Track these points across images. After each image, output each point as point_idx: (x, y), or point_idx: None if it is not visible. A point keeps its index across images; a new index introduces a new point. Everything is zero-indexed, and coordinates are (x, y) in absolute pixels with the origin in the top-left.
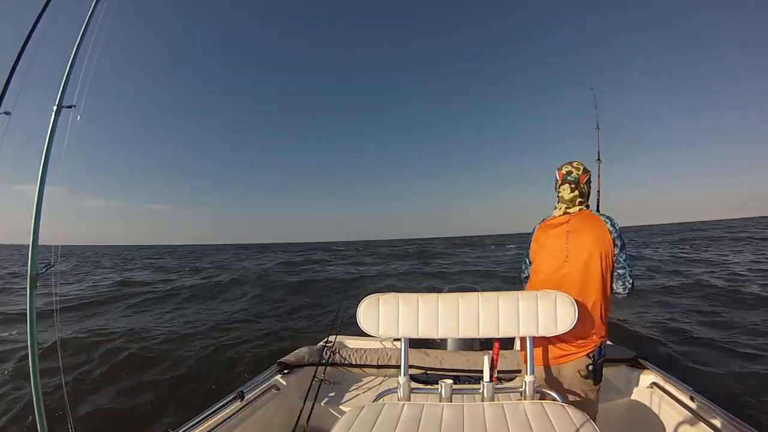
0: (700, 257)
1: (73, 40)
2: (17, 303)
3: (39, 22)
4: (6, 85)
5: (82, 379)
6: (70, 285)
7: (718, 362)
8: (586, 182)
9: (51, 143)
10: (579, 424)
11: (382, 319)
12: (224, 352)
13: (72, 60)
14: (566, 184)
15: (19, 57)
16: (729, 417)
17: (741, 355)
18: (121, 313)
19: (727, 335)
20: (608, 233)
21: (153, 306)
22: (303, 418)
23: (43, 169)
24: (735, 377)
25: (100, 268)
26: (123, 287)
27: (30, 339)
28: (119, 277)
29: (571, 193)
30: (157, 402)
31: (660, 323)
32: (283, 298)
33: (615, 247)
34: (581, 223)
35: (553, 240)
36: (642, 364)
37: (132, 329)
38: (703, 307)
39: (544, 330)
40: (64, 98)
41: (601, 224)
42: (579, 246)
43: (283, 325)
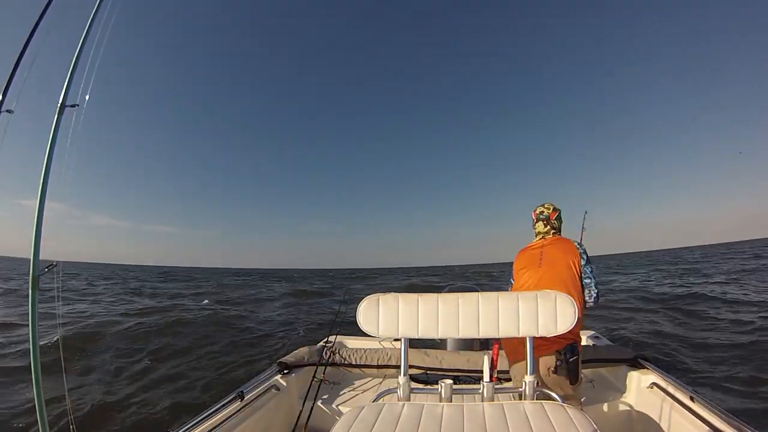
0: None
1: (77, 38)
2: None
3: (42, 19)
4: (8, 83)
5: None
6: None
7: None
8: (556, 218)
9: (54, 142)
10: (579, 424)
11: (382, 319)
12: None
13: (76, 58)
14: (540, 221)
15: (22, 55)
16: (729, 417)
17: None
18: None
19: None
20: (575, 247)
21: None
22: (303, 418)
23: (46, 167)
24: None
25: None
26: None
27: (32, 338)
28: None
29: (545, 228)
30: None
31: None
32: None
33: (582, 258)
34: (554, 241)
35: (530, 256)
36: (642, 364)
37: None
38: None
39: (544, 330)
40: (68, 97)
41: (569, 242)
42: (551, 255)
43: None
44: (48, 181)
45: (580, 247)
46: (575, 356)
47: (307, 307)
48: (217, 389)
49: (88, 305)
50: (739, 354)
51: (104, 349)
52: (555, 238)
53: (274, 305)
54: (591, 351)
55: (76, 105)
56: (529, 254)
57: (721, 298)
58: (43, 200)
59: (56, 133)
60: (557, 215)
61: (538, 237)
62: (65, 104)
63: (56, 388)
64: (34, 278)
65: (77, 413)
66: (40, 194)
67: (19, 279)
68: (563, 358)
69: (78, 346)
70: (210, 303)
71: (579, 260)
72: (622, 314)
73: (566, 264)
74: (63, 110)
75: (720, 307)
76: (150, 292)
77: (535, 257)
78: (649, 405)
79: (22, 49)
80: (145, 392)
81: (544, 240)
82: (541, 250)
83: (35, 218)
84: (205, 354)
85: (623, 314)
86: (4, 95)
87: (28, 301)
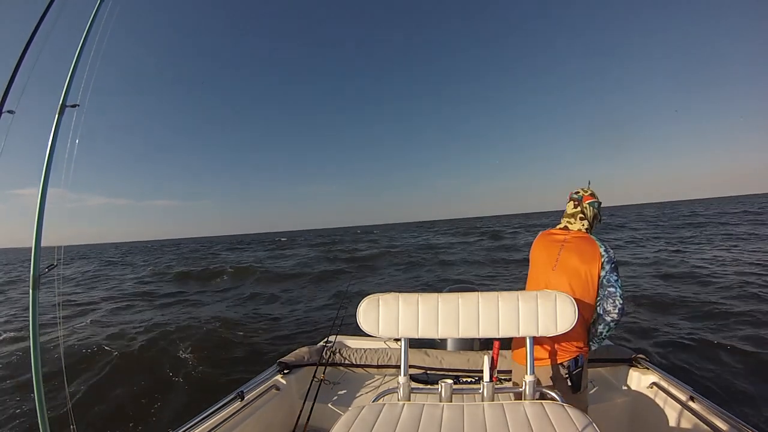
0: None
1: (78, 38)
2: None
3: (43, 19)
4: (9, 83)
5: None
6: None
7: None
8: (589, 204)
9: (55, 142)
10: (579, 424)
11: (382, 319)
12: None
13: (76, 59)
14: (571, 201)
15: (23, 55)
16: (729, 417)
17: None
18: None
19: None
20: (599, 255)
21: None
22: (303, 418)
23: (47, 168)
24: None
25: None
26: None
27: (32, 339)
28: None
29: (574, 209)
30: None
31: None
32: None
33: (602, 269)
34: (576, 241)
35: (547, 249)
36: (642, 364)
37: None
38: None
39: (544, 330)
40: (68, 97)
41: (594, 246)
42: (568, 259)
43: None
44: (48, 182)
45: (606, 254)
46: (578, 369)
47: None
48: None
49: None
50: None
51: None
52: (580, 236)
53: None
54: (591, 351)
55: (76, 105)
56: (548, 247)
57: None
58: (43, 201)
59: (57, 133)
60: (591, 201)
61: (563, 222)
62: (65, 104)
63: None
64: (34, 278)
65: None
66: (40, 194)
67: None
68: (567, 371)
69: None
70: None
71: (599, 269)
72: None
73: (583, 272)
74: (63, 110)
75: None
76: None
77: (552, 255)
78: (649, 405)
79: (24, 50)
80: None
81: (568, 233)
82: (561, 246)
83: (35, 218)
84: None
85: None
86: (6, 96)
87: (29, 301)
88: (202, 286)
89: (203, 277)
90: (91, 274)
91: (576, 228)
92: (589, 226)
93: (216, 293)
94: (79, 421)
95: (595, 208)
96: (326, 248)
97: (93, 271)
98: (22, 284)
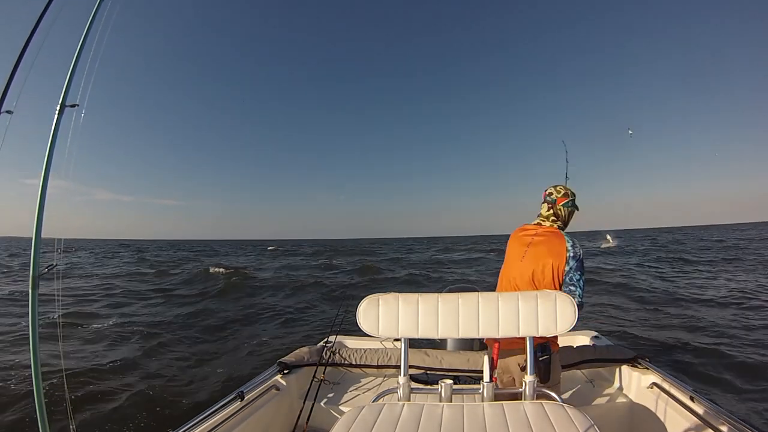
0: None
1: (77, 37)
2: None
3: (42, 18)
4: (8, 83)
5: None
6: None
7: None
8: (563, 204)
9: (54, 143)
10: (579, 424)
11: (382, 319)
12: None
13: (76, 58)
14: (545, 203)
15: (22, 55)
16: (729, 417)
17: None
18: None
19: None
20: (565, 250)
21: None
22: (303, 418)
23: (46, 169)
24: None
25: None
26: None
27: (32, 339)
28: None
29: (548, 211)
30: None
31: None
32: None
33: (567, 264)
34: (545, 236)
35: (518, 242)
36: (642, 364)
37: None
38: None
39: (544, 330)
40: (68, 97)
41: (561, 241)
42: (536, 252)
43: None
44: (48, 181)
45: (573, 249)
46: (545, 356)
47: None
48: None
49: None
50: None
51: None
52: (550, 231)
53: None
54: (591, 351)
55: (76, 105)
56: (519, 241)
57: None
58: (43, 201)
59: (56, 133)
60: (566, 202)
61: (537, 219)
62: (65, 104)
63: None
64: (34, 278)
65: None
66: (41, 195)
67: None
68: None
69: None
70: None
71: (563, 263)
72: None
73: (548, 264)
74: (63, 110)
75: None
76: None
77: (522, 248)
78: (649, 405)
79: (22, 49)
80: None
81: (539, 228)
82: (531, 239)
83: (35, 218)
84: None
85: None
86: (4, 95)
87: (29, 301)
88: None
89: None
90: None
91: (548, 225)
92: (562, 224)
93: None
94: (79, 421)
95: (568, 207)
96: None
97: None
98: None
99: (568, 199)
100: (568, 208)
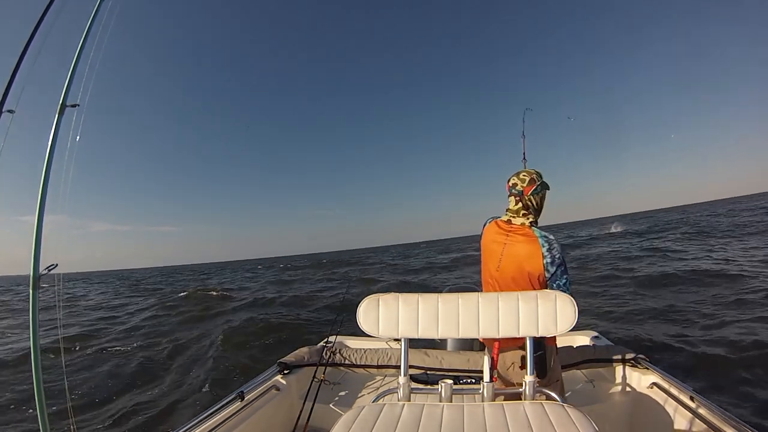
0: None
1: (77, 38)
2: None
3: (43, 19)
4: (9, 83)
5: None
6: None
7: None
8: (532, 193)
9: (55, 142)
10: (579, 424)
11: (382, 320)
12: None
13: (76, 58)
14: (512, 196)
15: (23, 55)
16: (729, 417)
17: None
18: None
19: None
20: (540, 256)
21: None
22: (303, 418)
23: (47, 167)
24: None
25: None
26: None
27: (32, 339)
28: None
29: (516, 205)
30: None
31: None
32: None
33: (546, 271)
34: (517, 239)
35: (492, 244)
36: (642, 364)
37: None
38: None
39: (544, 330)
40: (68, 97)
41: (536, 247)
42: (510, 258)
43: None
44: (49, 180)
45: (549, 253)
46: (540, 352)
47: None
48: None
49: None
50: None
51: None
52: (523, 230)
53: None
54: (591, 351)
55: (76, 105)
56: (494, 241)
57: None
58: (43, 200)
59: (57, 132)
60: (534, 189)
61: (507, 216)
62: (66, 104)
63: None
64: (34, 279)
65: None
66: (41, 194)
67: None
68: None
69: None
70: None
71: (541, 271)
72: None
73: (525, 272)
74: (63, 110)
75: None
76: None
77: (496, 252)
78: (649, 405)
79: (23, 49)
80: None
81: (510, 227)
82: (504, 244)
83: (36, 218)
84: None
85: None
86: (5, 95)
87: (29, 301)
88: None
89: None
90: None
91: (519, 223)
92: (534, 217)
93: None
94: (79, 421)
95: (538, 194)
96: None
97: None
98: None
99: (536, 185)
100: (538, 194)
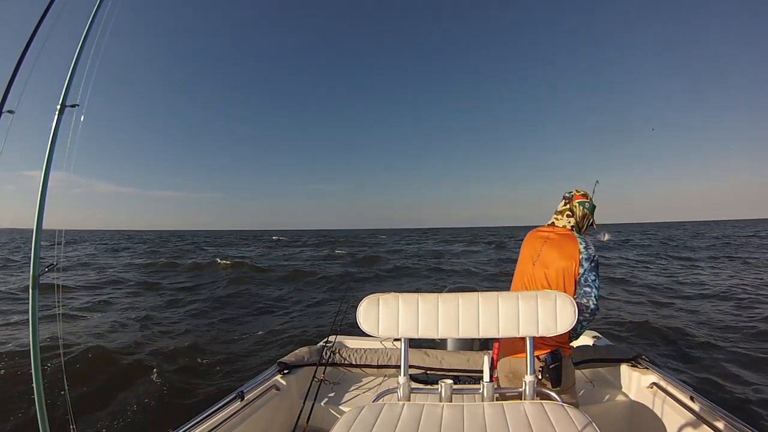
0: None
1: (77, 37)
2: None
3: (44, 19)
4: (10, 83)
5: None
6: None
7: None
8: (579, 203)
9: (54, 143)
10: (579, 425)
11: (382, 319)
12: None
13: (76, 58)
14: (563, 199)
15: (23, 55)
16: (729, 417)
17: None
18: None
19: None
20: (577, 252)
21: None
22: (303, 418)
23: (46, 167)
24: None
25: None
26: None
27: (32, 338)
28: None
29: (563, 207)
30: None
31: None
32: None
33: (581, 266)
34: (558, 238)
35: (532, 244)
36: (642, 364)
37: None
38: None
39: (544, 330)
40: (68, 97)
41: (574, 244)
42: (548, 256)
43: None
44: (48, 181)
45: (585, 251)
46: (557, 363)
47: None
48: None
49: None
50: None
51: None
52: (563, 233)
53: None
54: (591, 351)
55: (76, 105)
56: (533, 243)
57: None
58: (43, 200)
59: (56, 133)
60: (582, 201)
61: (552, 218)
62: (65, 104)
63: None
64: (34, 278)
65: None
66: (41, 194)
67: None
68: (543, 365)
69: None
70: None
71: (576, 266)
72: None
73: (560, 268)
74: (63, 110)
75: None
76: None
77: (535, 251)
78: (649, 405)
79: (24, 49)
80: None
81: (552, 230)
82: (544, 242)
83: (35, 218)
84: None
85: None
86: (6, 95)
87: (29, 301)
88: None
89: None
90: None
91: (561, 225)
92: (575, 224)
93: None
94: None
95: (585, 208)
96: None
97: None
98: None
99: (585, 199)
100: (584, 209)
